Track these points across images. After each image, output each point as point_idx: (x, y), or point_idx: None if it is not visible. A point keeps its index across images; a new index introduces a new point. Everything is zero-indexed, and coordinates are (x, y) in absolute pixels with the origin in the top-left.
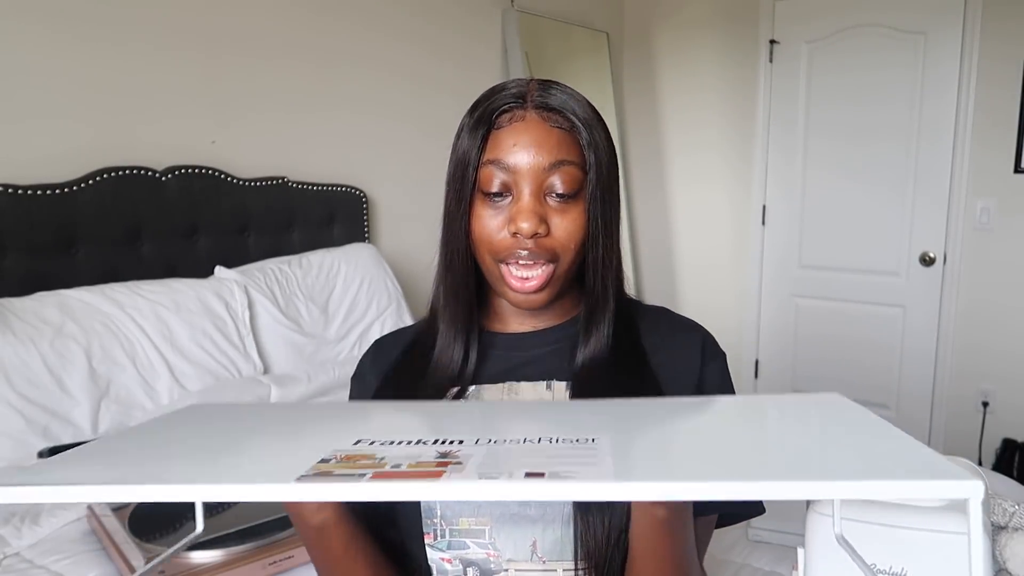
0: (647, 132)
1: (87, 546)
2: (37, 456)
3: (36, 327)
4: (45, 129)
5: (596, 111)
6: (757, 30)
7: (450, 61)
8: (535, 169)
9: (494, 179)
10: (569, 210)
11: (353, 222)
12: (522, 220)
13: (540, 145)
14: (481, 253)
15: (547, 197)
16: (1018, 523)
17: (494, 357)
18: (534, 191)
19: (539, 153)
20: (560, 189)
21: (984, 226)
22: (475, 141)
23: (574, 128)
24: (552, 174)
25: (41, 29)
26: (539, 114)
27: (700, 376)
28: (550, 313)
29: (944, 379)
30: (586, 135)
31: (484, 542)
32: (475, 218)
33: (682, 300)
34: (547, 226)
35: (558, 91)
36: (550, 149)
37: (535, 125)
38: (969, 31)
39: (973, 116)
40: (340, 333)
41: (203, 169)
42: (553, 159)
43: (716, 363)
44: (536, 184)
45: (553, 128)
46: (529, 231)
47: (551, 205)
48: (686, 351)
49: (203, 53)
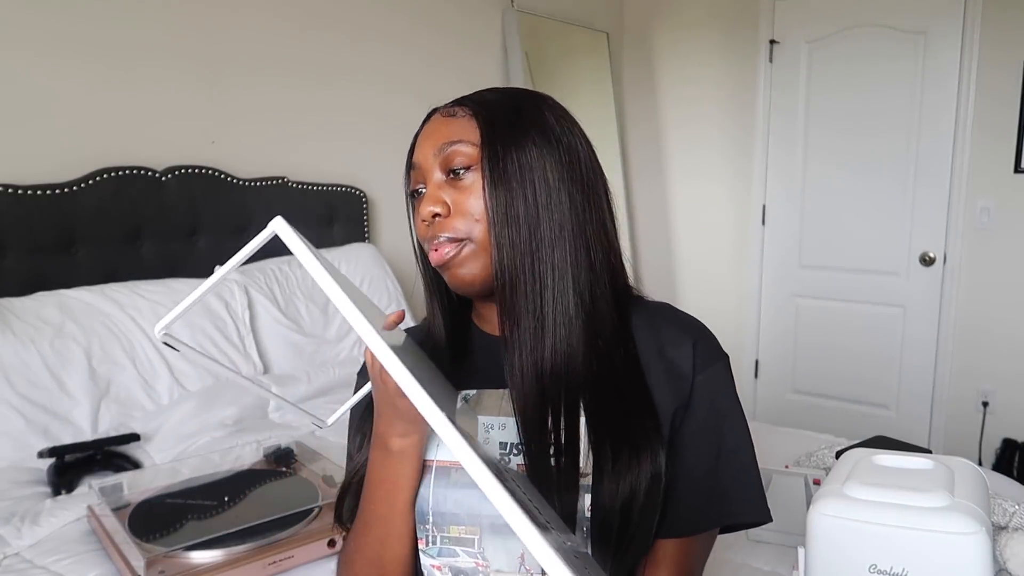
0: (647, 132)
1: (87, 546)
2: (37, 456)
3: (36, 327)
4: (45, 129)
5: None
6: (757, 30)
7: (450, 61)
8: (430, 161)
9: (412, 180)
10: (461, 186)
11: (353, 222)
12: (423, 206)
13: (433, 137)
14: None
15: (447, 184)
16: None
17: (490, 359)
18: (434, 179)
19: (432, 144)
20: (448, 168)
21: (984, 226)
22: (408, 154)
23: (475, 111)
24: (440, 159)
25: (42, 30)
26: (442, 112)
27: (692, 385)
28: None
29: (944, 379)
30: (485, 114)
31: (473, 551)
32: (415, 220)
33: (682, 300)
34: (447, 206)
35: (482, 92)
36: (439, 137)
37: (435, 122)
38: (969, 31)
39: (973, 116)
40: (340, 333)
41: (203, 169)
42: (441, 142)
43: (712, 370)
44: (434, 172)
45: (449, 118)
46: (426, 213)
47: (452, 187)
48: (674, 356)
49: (203, 53)
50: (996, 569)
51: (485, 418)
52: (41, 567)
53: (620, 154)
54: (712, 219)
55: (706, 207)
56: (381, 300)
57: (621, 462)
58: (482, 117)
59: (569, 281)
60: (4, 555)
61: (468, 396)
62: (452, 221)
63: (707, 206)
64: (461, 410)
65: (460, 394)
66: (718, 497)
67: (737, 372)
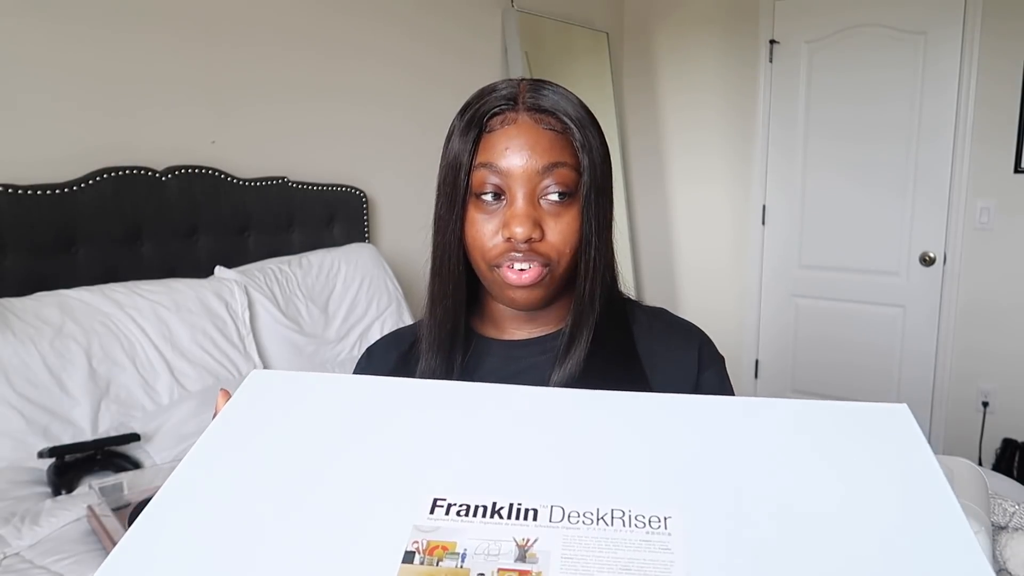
0: (647, 132)
1: (87, 546)
2: (37, 456)
3: (36, 327)
4: (45, 129)
5: (588, 110)
6: (757, 30)
7: (450, 61)
8: (528, 172)
9: (487, 183)
10: (563, 214)
11: (353, 222)
12: (516, 225)
13: (533, 148)
14: (475, 259)
15: (541, 200)
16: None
17: (489, 364)
18: (527, 195)
19: (532, 156)
20: (554, 192)
21: (984, 226)
22: (466, 145)
23: (567, 129)
24: (545, 177)
25: (42, 30)
26: (531, 116)
27: (696, 383)
28: (546, 318)
29: (944, 379)
30: (579, 136)
31: None
32: (468, 223)
33: (682, 300)
34: (541, 230)
35: (550, 92)
36: (543, 152)
37: (527, 128)
38: (969, 31)
39: (973, 116)
40: (340, 333)
41: (203, 169)
42: (547, 162)
43: (714, 369)
44: (530, 188)
45: (545, 130)
46: (523, 236)
47: (545, 208)
48: (682, 357)
49: (203, 54)
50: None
51: None
52: (41, 567)
53: (620, 153)
54: (712, 219)
55: (706, 207)
56: (381, 300)
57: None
58: (582, 146)
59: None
60: (4, 555)
61: None
62: (543, 247)
63: (707, 206)
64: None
65: None
66: None
67: (737, 371)
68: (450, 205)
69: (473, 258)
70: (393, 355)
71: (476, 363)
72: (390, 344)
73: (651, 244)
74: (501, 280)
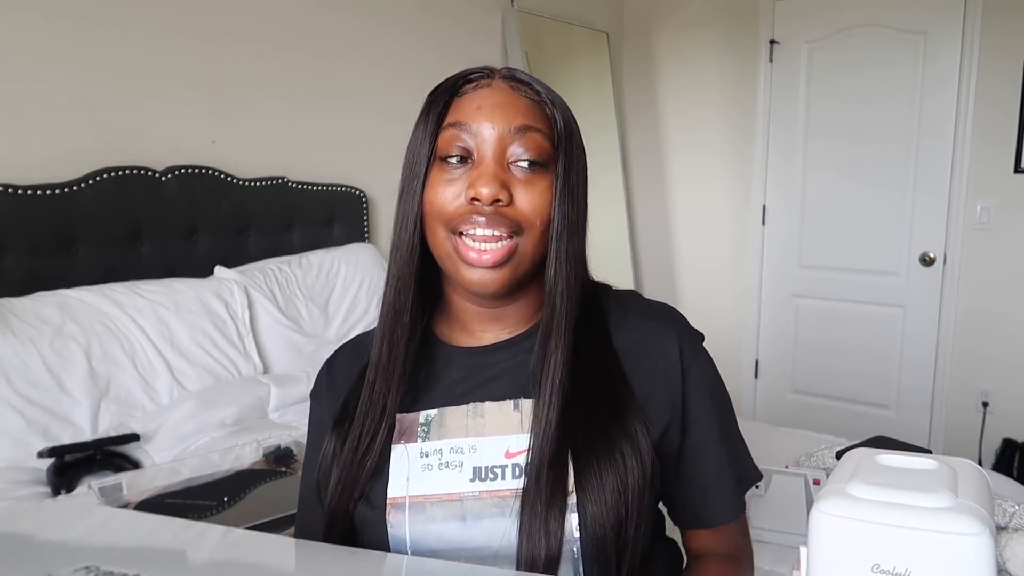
0: (647, 132)
1: None
2: (37, 456)
3: (36, 327)
4: (45, 129)
5: (570, 110)
6: (757, 30)
7: (450, 61)
8: (500, 133)
9: (454, 145)
10: (535, 182)
11: (353, 222)
12: (482, 185)
13: (506, 109)
14: (434, 226)
15: (511, 167)
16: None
17: (455, 374)
18: (497, 155)
19: (505, 116)
20: (524, 159)
21: (984, 226)
22: (436, 108)
23: (542, 102)
24: (517, 139)
25: (41, 29)
26: (506, 82)
27: (684, 380)
28: (514, 317)
29: (944, 379)
30: (552, 111)
31: None
32: (429, 187)
33: (682, 300)
34: (509, 194)
35: (529, 76)
36: (516, 113)
37: (502, 90)
38: (969, 31)
39: (973, 116)
40: (340, 333)
41: (203, 169)
42: (520, 123)
43: (700, 358)
44: (499, 149)
45: (520, 96)
46: (489, 196)
47: (516, 175)
48: (662, 349)
49: (203, 54)
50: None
51: (452, 442)
52: None
53: (620, 153)
54: (712, 219)
55: (706, 207)
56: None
57: (606, 474)
58: (560, 115)
59: (575, 280)
60: None
61: (430, 418)
62: (511, 212)
63: (707, 206)
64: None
65: (420, 416)
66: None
67: (737, 372)
68: (412, 171)
69: (432, 227)
70: (358, 367)
71: (440, 373)
72: (351, 358)
73: (651, 244)
74: (460, 257)
